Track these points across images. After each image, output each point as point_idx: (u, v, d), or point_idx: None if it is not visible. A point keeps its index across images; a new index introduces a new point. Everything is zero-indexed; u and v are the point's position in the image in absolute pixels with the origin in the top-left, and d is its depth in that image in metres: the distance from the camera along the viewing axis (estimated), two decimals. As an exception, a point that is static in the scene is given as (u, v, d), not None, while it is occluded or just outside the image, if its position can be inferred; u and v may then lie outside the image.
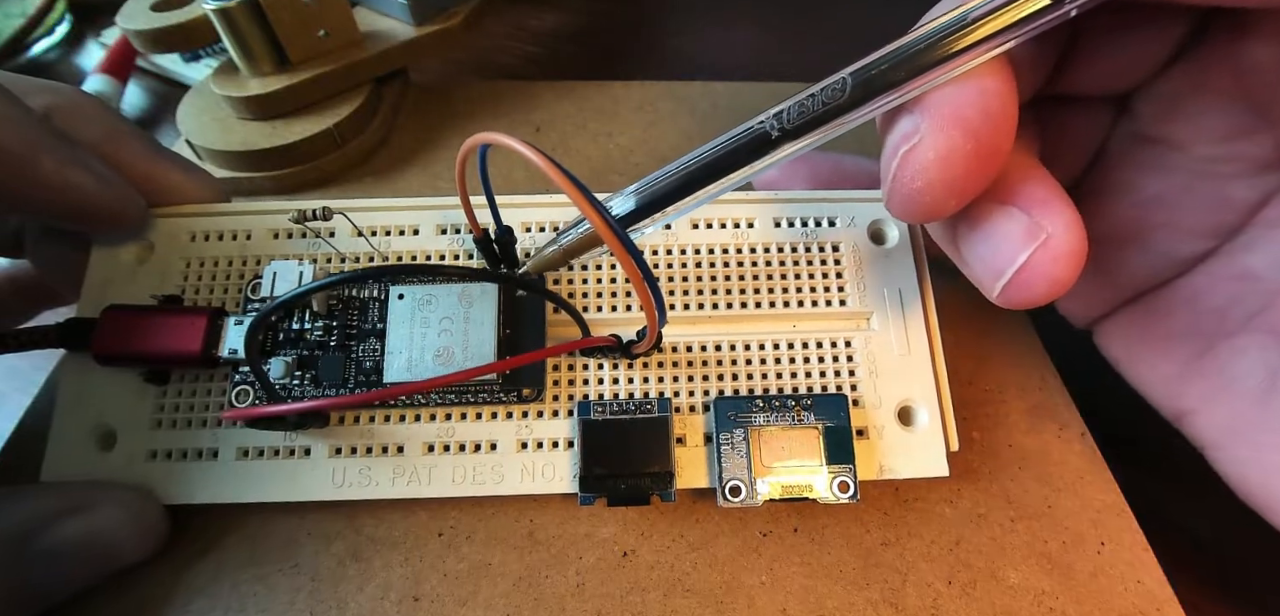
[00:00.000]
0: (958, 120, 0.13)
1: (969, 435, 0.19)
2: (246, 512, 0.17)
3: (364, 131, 0.27)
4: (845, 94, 0.14)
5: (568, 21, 0.38)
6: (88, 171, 0.16)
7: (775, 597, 0.16)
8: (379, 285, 0.18)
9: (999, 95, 0.13)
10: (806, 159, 0.20)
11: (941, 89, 0.14)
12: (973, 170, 0.14)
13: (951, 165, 0.13)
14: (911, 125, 0.14)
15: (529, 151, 0.11)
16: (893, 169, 0.14)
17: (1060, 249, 0.14)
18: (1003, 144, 0.14)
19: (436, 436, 0.17)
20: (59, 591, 0.15)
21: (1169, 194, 0.17)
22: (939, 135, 0.13)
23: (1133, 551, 0.17)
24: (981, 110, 0.13)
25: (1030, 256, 0.14)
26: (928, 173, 0.14)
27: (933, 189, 0.14)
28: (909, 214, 0.15)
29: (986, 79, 0.13)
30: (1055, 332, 0.21)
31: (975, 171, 0.14)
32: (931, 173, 0.14)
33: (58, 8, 0.37)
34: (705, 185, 0.15)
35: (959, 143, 0.13)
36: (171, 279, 0.18)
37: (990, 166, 0.14)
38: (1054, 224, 0.14)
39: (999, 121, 0.13)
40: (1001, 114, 0.13)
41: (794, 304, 0.18)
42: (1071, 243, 0.14)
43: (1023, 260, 0.14)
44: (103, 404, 0.17)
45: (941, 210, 0.14)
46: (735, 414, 0.17)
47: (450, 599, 0.16)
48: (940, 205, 0.14)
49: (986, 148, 0.13)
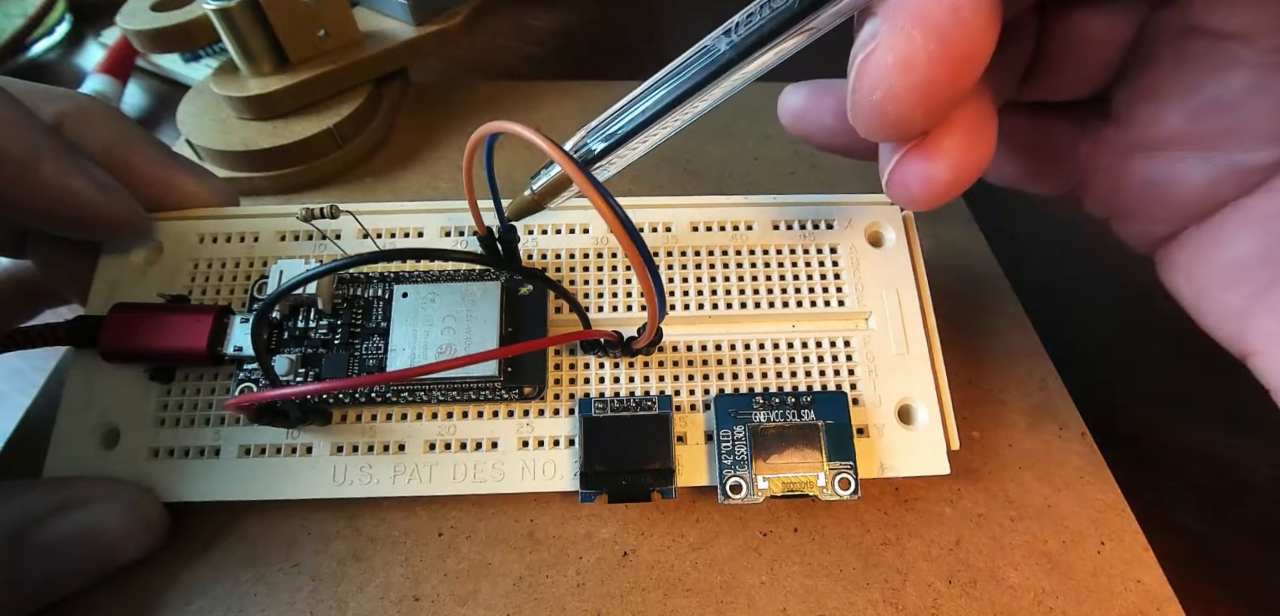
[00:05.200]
0: (919, 18, 0.12)
1: (969, 435, 0.19)
2: (246, 512, 0.17)
3: (364, 131, 0.27)
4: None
5: (568, 21, 0.38)
6: (89, 179, 0.16)
7: (775, 597, 0.16)
8: (383, 284, 0.18)
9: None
10: (833, 90, 0.18)
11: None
12: (939, 77, 0.12)
13: (913, 70, 0.12)
14: (871, 29, 0.12)
15: (539, 139, 0.11)
16: (852, 80, 0.13)
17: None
18: (979, 47, 0.12)
19: (437, 434, 0.17)
20: (57, 587, 0.15)
21: (1231, 96, 0.14)
22: (897, 36, 0.12)
23: (1133, 551, 0.17)
24: (949, 5, 0.12)
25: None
26: (887, 81, 0.12)
27: (894, 99, 0.12)
28: (873, 130, 0.13)
29: None
30: (1055, 332, 0.21)
31: (945, 79, 0.12)
32: (891, 81, 0.12)
33: (58, 8, 0.37)
34: (663, 118, 0.14)
35: (920, 45, 0.12)
36: (179, 279, 0.18)
37: (964, 73, 0.12)
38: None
39: (970, 17, 0.12)
40: (973, 8, 0.12)
41: (793, 304, 0.18)
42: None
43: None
44: (107, 402, 0.17)
45: (909, 125, 0.13)
46: (736, 411, 0.17)
47: (450, 599, 0.16)
48: (907, 119, 0.13)
49: (955, 51, 0.12)
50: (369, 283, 0.18)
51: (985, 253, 0.24)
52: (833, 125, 0.18)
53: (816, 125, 0.19)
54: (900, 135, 0.14)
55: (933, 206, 0.14)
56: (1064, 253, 0.26)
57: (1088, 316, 0.24)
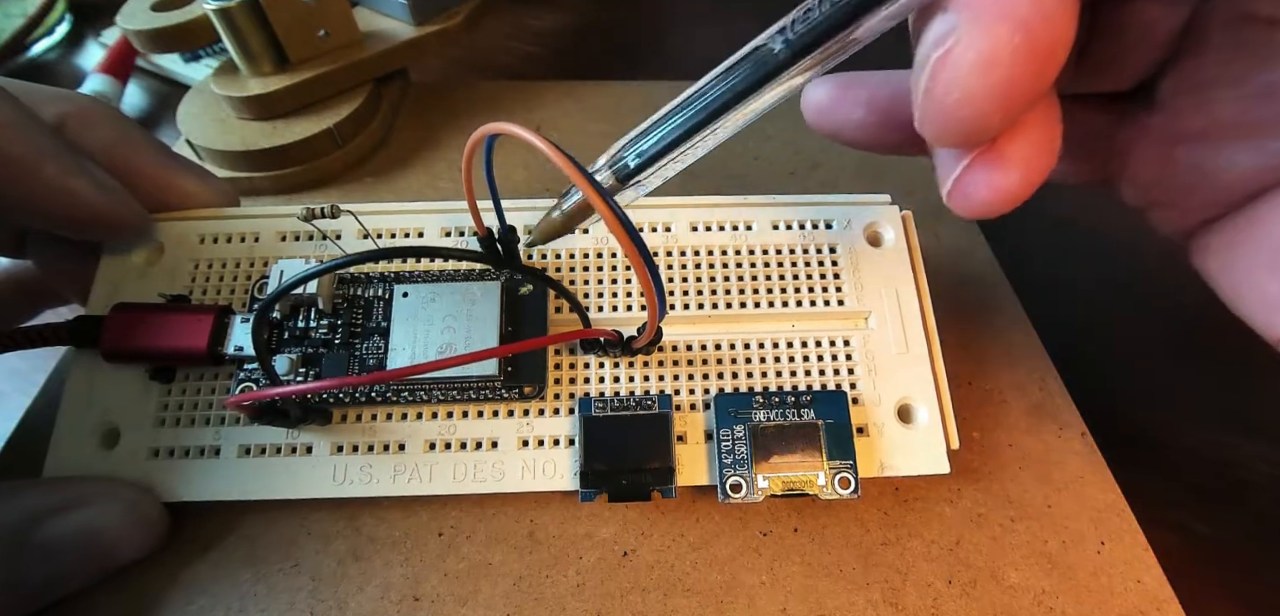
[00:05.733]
0: (1004, 11, 0.11)
1: (969, 435, 0.19)
2: (246, 512, 0.17)
3: (364, 131, 0.27)
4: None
5: (568, 21, 0.38)
6: (90, 180, 0.16)
7: (775, 597, 0.16)
8: (383, 284, 0.18)
9: None
10: (863, 83, 0.18)
11: None
12: (1023, 77, 0.11)
13: (996, 72, 0.11)
14: (946, 25, 0.11)
15: (538, 140, 0.11)
16: (923, 82, 0.12)
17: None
18: (1062, 40, 0.11)
19: (438, 434, 0.17)
20: (57, 587, 0.15)
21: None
22: (979, 33, 0.11)
23: (1133, 551, 0.17)
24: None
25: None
26: (965, 82, 0.11)
27: (974, 103, 0.11)
28: (946, 137, 0.12)
29: None
30: (1055, 332, 0.21)
31: (1027, 78, 0.11)
32: (971, 82, 0.11)
33: (58, 8, 0.37)
34: (712, 124, 0.13)
35: (1005, 41, 0.11)
36: (180, 280, 0.18)
37: (1045, 71, 0.11)
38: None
39: (1055, 10, 0.11)
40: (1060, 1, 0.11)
41: (793, 303, 0.18)
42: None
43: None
44: (107, 402, 0.17)
45: (985, 130, 0.12)
46: (736, 410, 0.17)
47: (450, 599, 0.16)
48: (984, 123, 0.12)
49: (1041, 47, 0.11)
50: (369, 282, 0.18)
51: (985, 253, 0.24)
52: (862, 119, 0.18)
53: (845, 120, 0.18)
54: (973, 141, 0.13)
55: (997, 215, 0.13)
56: (1064, 253, 0.26)
57: (1088, 316, 0.24)
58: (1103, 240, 0.21)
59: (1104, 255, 0.26)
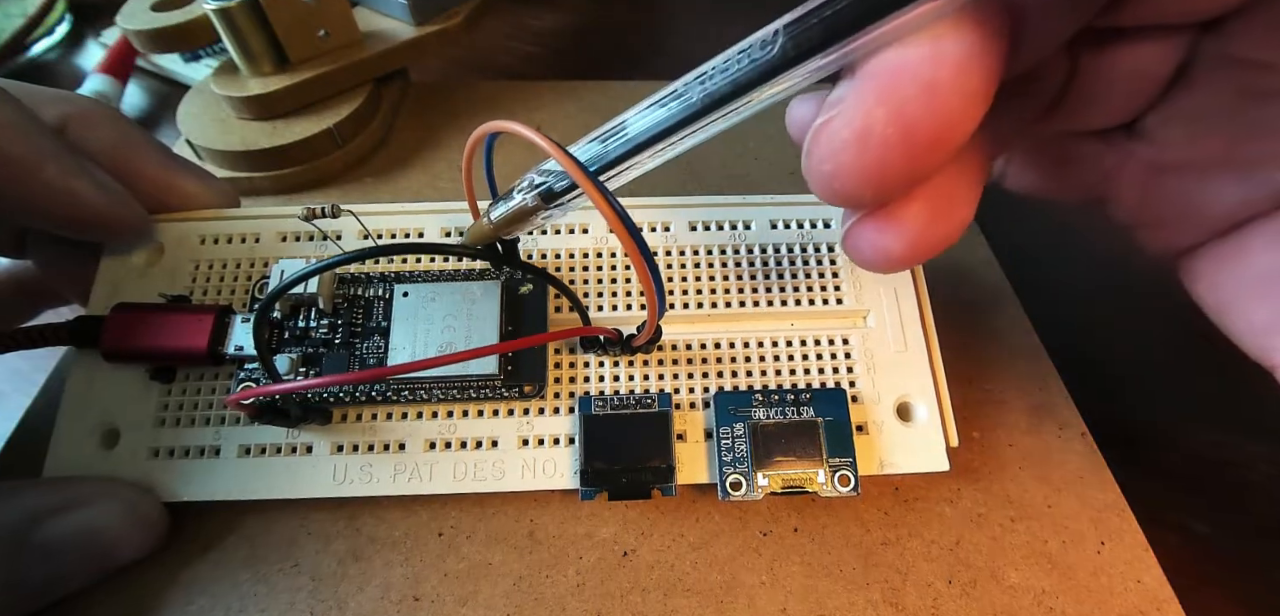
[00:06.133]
0: (885, 93, 0.10)
1: (969, 434, 0.19)
2: (246, 512, 0.17)
3: (364, 131, 0.27)
4: (774, 50, 0.11)
5: (568, 21, 0.38)
6: (91, 181, 0.16)
7: (775, 597, 0.16)
8: (383, 284, 0.18)
9: (958, 63, 0.10)
10: None
11: (884, 50, 0.11)
12: (894, 160, 0.11)
13: (867, 152, 0.11)
14: (839, 93, 0.11)
15: (539, 138, 0.11)
16: (806, 141, 0.12)
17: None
18: (953, 128, 0.11)
19: (438, 433, 0.17)
20: (57, 587, 0.15)
21: (1272, 120, 0.14)
22: (857, 109, 0.11)
23: (1133, 551, 0.17)
24: (925, 83, 0.10)
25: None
26: (837, 156, 0.11)
27: (842, 175, 0.11)
28: (824, 197, 0.12)
29: (947, 39, 0.10)
30: (1055, 332, 0.21)
31: (902, 161, 0.11)
32: (842, 156, 0.11)
33: (58, 8, 0.37)
34: (631, 159, 0.13)
35: (879, 123, 0.10)
36: (181, 280, 0.18)
37: (925, 158, 0.11)
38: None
39: (949, 99, 0.10)
40: (955, 88, 0.10)
41: (792, 302, 0.18)
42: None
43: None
44: (108, 401, 0.17)
45: (856, 201, 0.12)
46: (735, 408, 0.17)
47: (450, 599, 0.16)
48: (853, 195, 0.12)
49: (920, 134, 0.10)
50: (369, 282, 0.18)
51: (985, 253, 0.24)
52: None
53: None
54: (847, 206, 0.13)
55: (889, 272, 0.13)
56: (1064, 253, 0.26)
57: (1087, 317, 0.24)
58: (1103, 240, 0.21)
59: (1104, 255, 0.26)
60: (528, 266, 0.17)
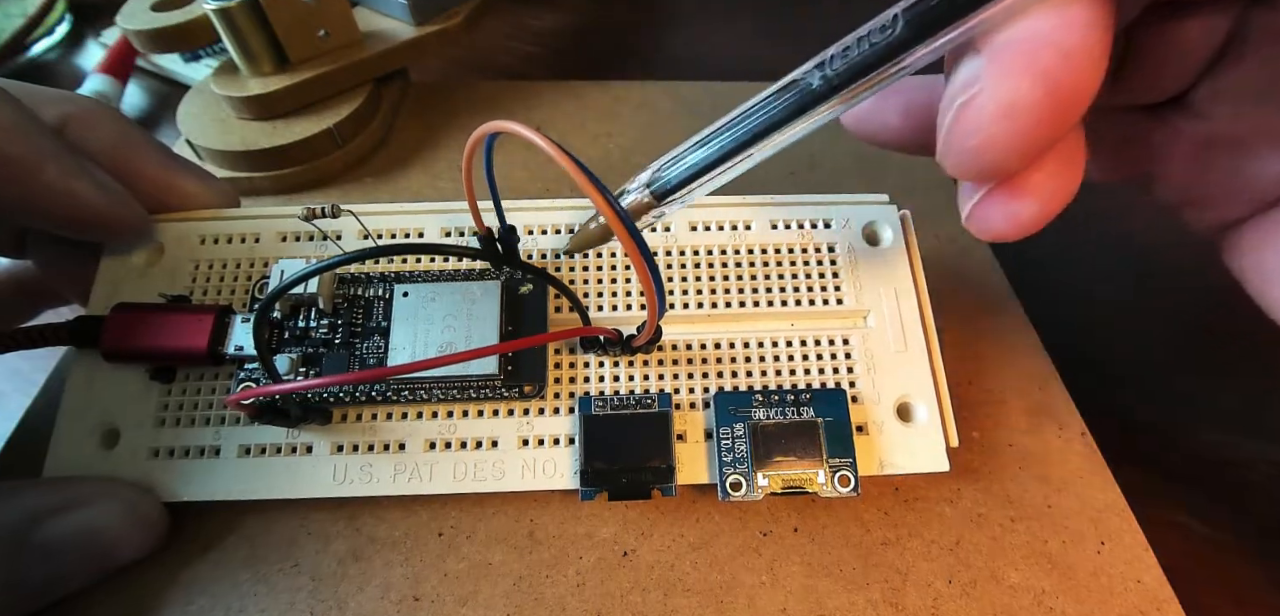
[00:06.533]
0: (1028, 63, 0.11)
1: (969, 434, 0.19)
2: (246, 512, 0.17)
3: (364, 131, 0.27)
4: (896, 34, 0.12)
5: (568, 21, 0.38)
6: (91, 181, 0.16)
7: (775, 597, 0.16)
8: (383, 284, 0.18)
9: (1085, 26, 0.11)
10: (899, 89, 0.17)
11: (1012, 22, 0.11)
12: (1043, 125, 0.11)
13: (1016, 120, 0.11)
14: (972, 71, 0.12)
15: (539, 138, 0.11)
16: (947, 122, 0.12)
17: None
18: (1086, 88, 0.11)
19: (438, 433, 0.17)
20: (57, 587, 0.15)
21: None
22: (1002, 83, 0.11)
23: (1133, 551, 0.17)
24: (1060, 49, 0.11)
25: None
26: (987, 129, 0.11)
27: (993, 147, 0.12)
28: (966, 174, 0.13)
29: (1071, 6, 0.11)
30: (1055, 332, 0.21)
31: (1047, 126, 0.11)
32: (992, 129, 0.11)
33: (58, 8, 0.37)
34: (747, 149, 0.14)
35: (1026, 93, 0.11)
36: (181, 280, 0.18)
37: (1067, 118, 0.11)
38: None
39: (1082, 62, 0.11)
40: (1086, 52, 0.11)
41: (792, 302, 0.18)
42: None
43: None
44: (108, 402, 0.17)
45: (1003, 171, 0.12)
46: (736, 408, 0.17)
47: (450, 599, 0.16)
48: (1002, 165, 0.12)
49: (1063, 97, 0.11)
50: (369, 282, 0.18)
51: (985, 253, 0.24)
52: (899, 126, 0.18)
53: (881, 126, 0.18)
54: (991, 179, 0.13)
55: (1014, 240, 0.14)
56: (1064, 253, 0.26)
57: (1087, 317, 0.24)
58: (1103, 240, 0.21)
59: (1104, 255, 0.26)
60: (528, 266, 0.17)
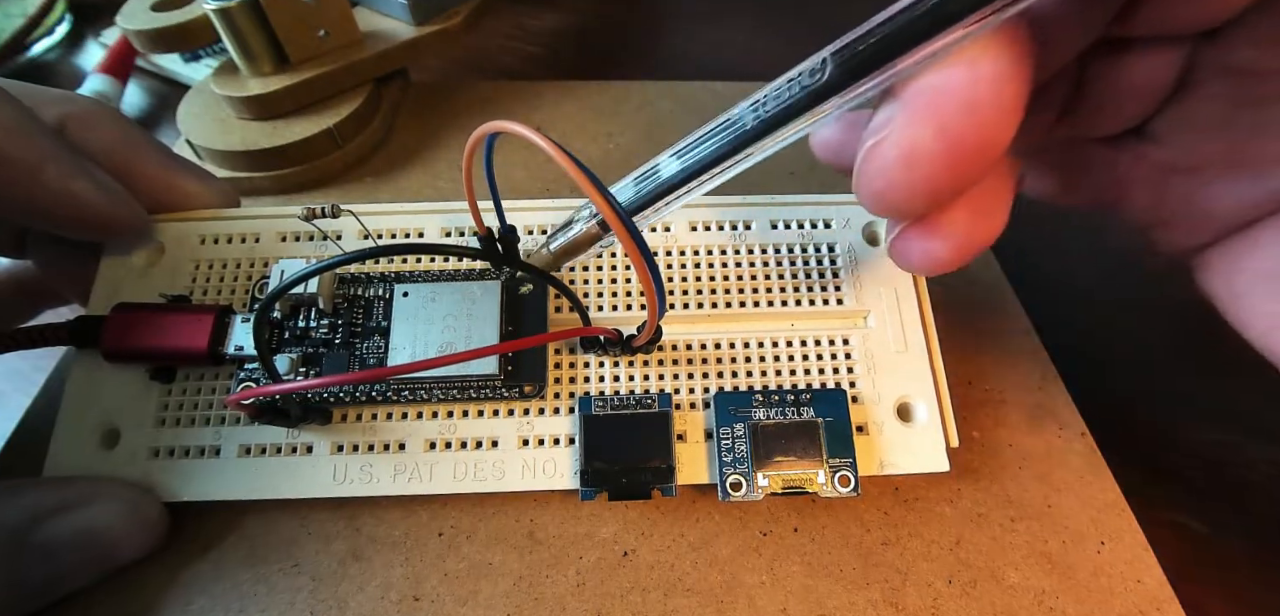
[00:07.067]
0: (930, 113, 0.11)
1: (969, 435, 0.19)
2: (246, 512, 0.17)
3: (364, 131, 0.27)
4: (825, 77, 0.12)
5: (568, 21, 0.38)
6: (91, 181, 0.16)
7: (775, 597, 0.16)
8: (383, 284, 0.18)
9: (994, 81, 0.11)
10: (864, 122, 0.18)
11: (927, 72, 0.11)
12: (944, 174, 0.12)
13: (915, 166, 0.12)
14: (886, 115, 0.12)
15: (539, 138, 0.11)
16: (858, 161, 0.13)
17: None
18: (992, 141, 0.12)
19: (438, 433, 0.17)
20: (57, 587, 0.15)
21: (1272, 122, 0.14)
22: (906, 130, 0.12)
23: (1133, 551, 0.17)
24: (965, 102, 0.11)
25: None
26: (888, 173, 0.12)
27: (894, 191, 0.12)
28: (876, 211, 0.13)
29: (983, 60, 0.11)
30: (1055, 332, 0.21)
31: (948, 175, 0.12)
32: (893, 174, 0.12)
33: (58, 8, 0.37)
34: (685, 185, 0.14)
35: (928, 142, 0.11)
36: (181, 280, 0.18)
37: (970, 168, 0.12)
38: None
39: (988, 116, 0.11)
40: (994, 105, 0.11)
41: (792, 303, 0.18)
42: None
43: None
44: (108, 401, 0.17)
45: (908, 213, 0.13)
46: (736, 408, 0.17)
47: (450, 599, 0.16)
48: (903, 208, 0.13)
49: (965, 149, 0.11)
50: (370, 282, 0.18)
51: (985, 253, 0.24)
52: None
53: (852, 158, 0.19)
54: (898, 218, 0.14)
55: (935, 274, 0.14)
56: (1064, 253, 0.26)
57: (1087, 316, 0.24)
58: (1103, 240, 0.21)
59: (1104, 255, 0.26)
60: (528, 266, 0.17)
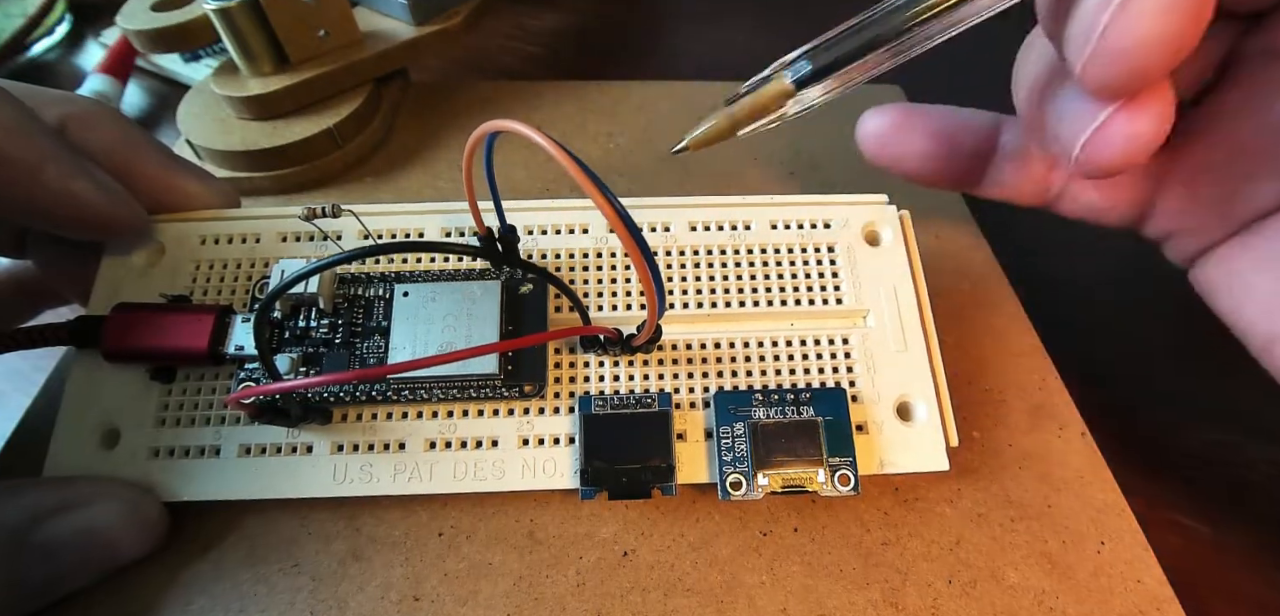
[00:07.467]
0: None
1: (969, 434, 0.19)
2: (246, 512, 0.17)
3: (364, 131, 0.27)
4: None
5: (568, 21, 0.38)
6: (91, 181, 0.16)
7: (775, 597, 0.16)
8: (384, 284, 0.18)
9: None
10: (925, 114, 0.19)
11: None
12: (1190, 27, 0.12)
13: (1175, 16, 0.12)
14: None
15: (540, 136, 0.11)
16: (1104, 22, 0.13)
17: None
18: (1213, 3, 0.12)
19: (438, 432, 0.17)
20: (56, 587, 0.15)
21: None
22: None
23: (1133, 551, 0.17)
24: None
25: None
26: (1146, 25, 0.12)
27: (1149, 47, 0.13)
28: (1110, 80, 0.14)
29: None
30: (1055, 332, 0.21)
31: (1193, 29, 0.12)
32: (1153, 25, 0.12)
33: (58, 8, 0.37)
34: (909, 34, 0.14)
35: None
36: (181, 280, 0.18)
37: (1201, 28, 0.13)
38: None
39: None
40: None
41: (791, 302, 0.18)
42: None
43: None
44: (108, 401, 0.17)
45: (1151, 73, 0.13)
46: (735, 408, 0.17)
47: (450, 599, 0.16)
48: (1152, 67, 0.13)
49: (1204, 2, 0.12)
50: (370, 282, 0.18)
51: (985, 253, 0.24)
52: (924, 149, 0.19)
53: (905, 151, 0.19)
54: (1129, 88, 0.14)
55: (1120, 171, 0.14)
56: (1064, 252, 0.26)
57: (1088, 316, 0.24)
58: (1103, 240, 0.21)
59: (1104, 255, 0.26)
60: (528, 265, 0.17)
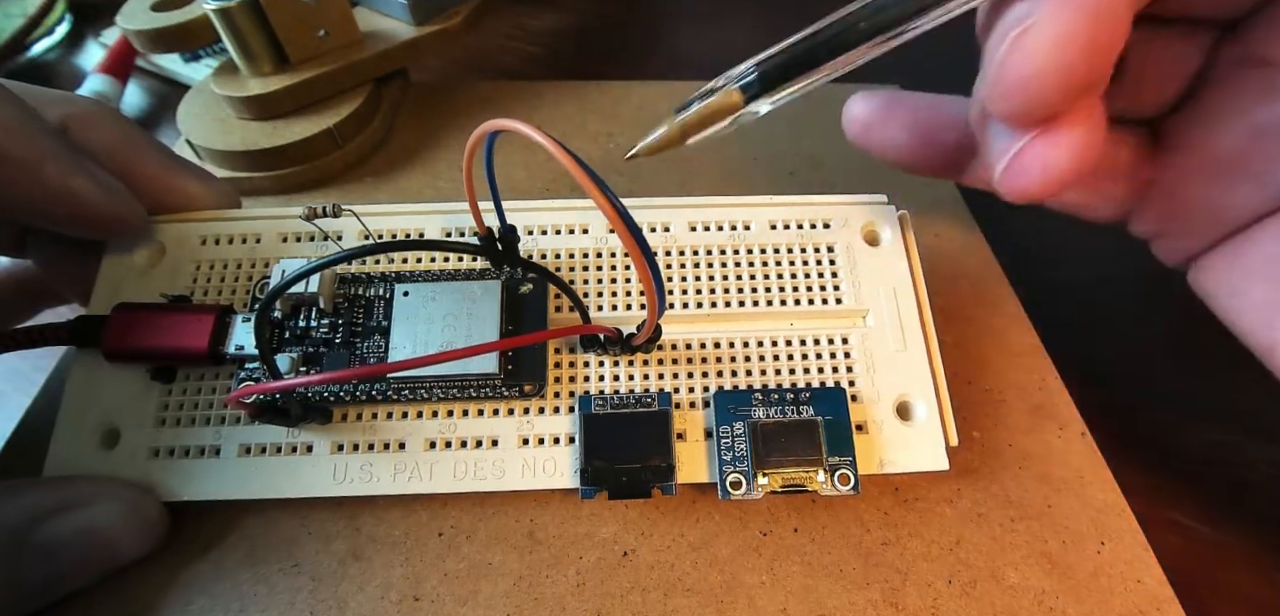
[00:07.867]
0: (1077, 1, 0.12)
1: (969, 434, 0.19)
2: (246, 512, 0.17)
3: (364, 131, 0.27)
4: None
5: (568, 21, 0.38)
6: (91, 180, 0.16)
7: (775, 597, 0.16)
8: (384, 283, 0.18)
9: None
10: (907, 103, 0.19)
11: None
12: (1087, 61, 0.13)
13: (1068, 50, 0.12)
14: (1025, 10, 0.13)
15: (540, 136, 0.11)
16: (1000, 55, 0.13)
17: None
18: (1120, 36, 0.13)
19: (438, 432, 0.17)
20: (57, 587, 0.15)
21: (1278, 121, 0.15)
22: (1059, 13, 0.12)
23: (1133, 551, 0.17)
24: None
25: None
26: (1038, 58, 0.13)
27: (1042, 79, 0.13)
28: (1011, 110, 0.14)
29: None
30: (1055, 332, 0.21)
31: (1090, 63, 0.13)
32: (1045, 58, 0.13)
33: (58, 8, 0.37)
34: (816, 67, 0.15)
35: (1080, 25, 0.12)
36: (182, 280, 0.18)
37: (1106, 60, 0.13)
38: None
39: (1120, 8, 0.12)
40: (1124, 3, 0.12)
41: (791, 302, 0.18)
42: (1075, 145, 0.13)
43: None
44: (108, 401, 0.17)
45: (1047, 104, 0.13)
46: (735, 407, 0.17)
47: (450, 599, 0.16)
48: (1048, 99, 0.13)
49: (1106, 35, 0.12)
50: (370, 282, 0.18)
51: (985, 253, 0.24)
52: (904, 141, 0.19)
53: (886, 139, 0.19)
54: (1032, 118, 0.14)
55: (1043, 198, 0.14)
56: (1064, 252, 0.26)
57: (1087, 316, 0.24)
58: (1103, 240, 0.21)
59: (1104, 255, 0.26)
60: (528, 265, 0.17)
